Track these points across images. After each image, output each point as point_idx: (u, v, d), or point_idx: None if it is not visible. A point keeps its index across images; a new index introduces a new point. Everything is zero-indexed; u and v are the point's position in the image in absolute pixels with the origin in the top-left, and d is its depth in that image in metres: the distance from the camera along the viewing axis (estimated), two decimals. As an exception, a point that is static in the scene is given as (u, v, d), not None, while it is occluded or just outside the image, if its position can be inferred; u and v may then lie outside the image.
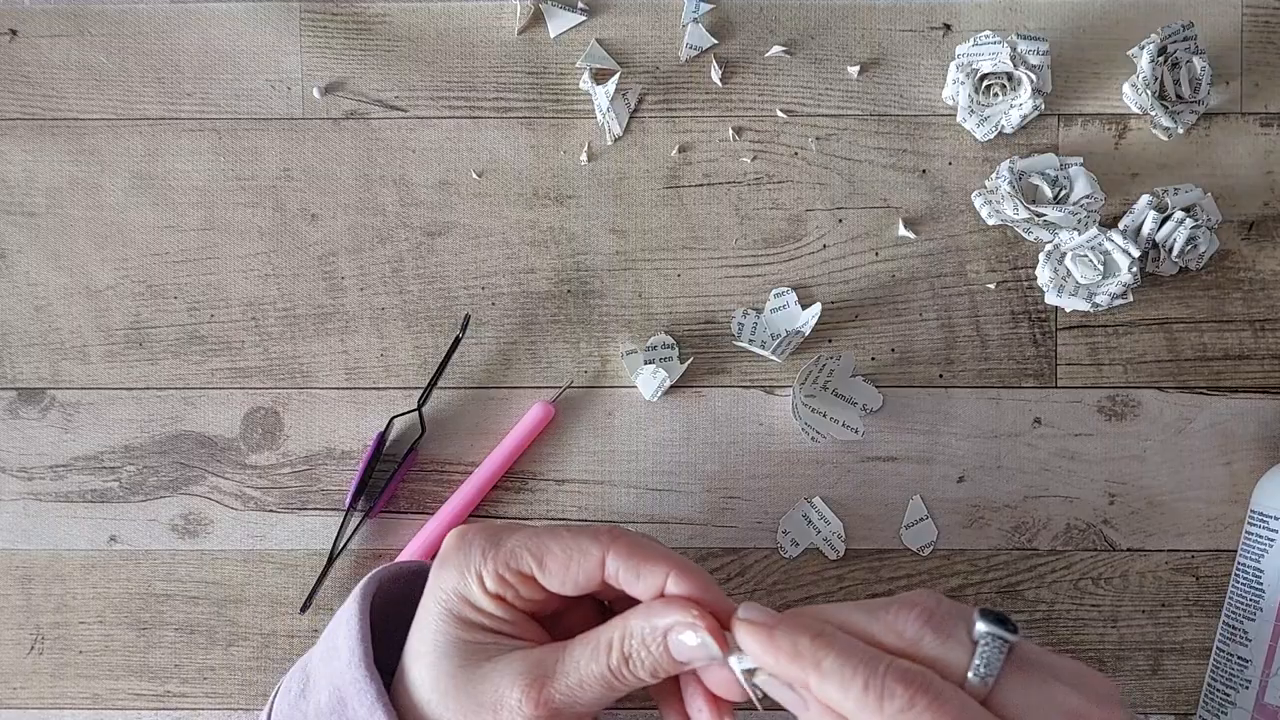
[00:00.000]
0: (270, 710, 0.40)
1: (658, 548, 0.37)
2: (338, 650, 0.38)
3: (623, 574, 0.36)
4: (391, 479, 0.50)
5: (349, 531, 0.51)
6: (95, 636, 0.51)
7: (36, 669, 0.51)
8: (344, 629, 0.38)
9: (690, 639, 0.34)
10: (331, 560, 0.50)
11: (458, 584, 0.37)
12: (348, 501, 0.50)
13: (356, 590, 0.40)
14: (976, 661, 0.32)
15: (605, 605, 0.41)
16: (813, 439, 0.50)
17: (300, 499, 0.51)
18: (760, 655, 0.33)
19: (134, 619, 0.51)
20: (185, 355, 0.52)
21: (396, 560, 0.50)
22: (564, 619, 0.40)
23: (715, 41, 0.52)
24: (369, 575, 0.41)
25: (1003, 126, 0.50)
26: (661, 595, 0.36)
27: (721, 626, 0.34)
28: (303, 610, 0.50)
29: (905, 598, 0.33)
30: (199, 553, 0.51)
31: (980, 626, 0.32)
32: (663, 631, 0.34)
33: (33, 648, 0.51)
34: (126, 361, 0.52)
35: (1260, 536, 0.49)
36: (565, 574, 0.36)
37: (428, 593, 0.38)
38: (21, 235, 0.52)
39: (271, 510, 0.51)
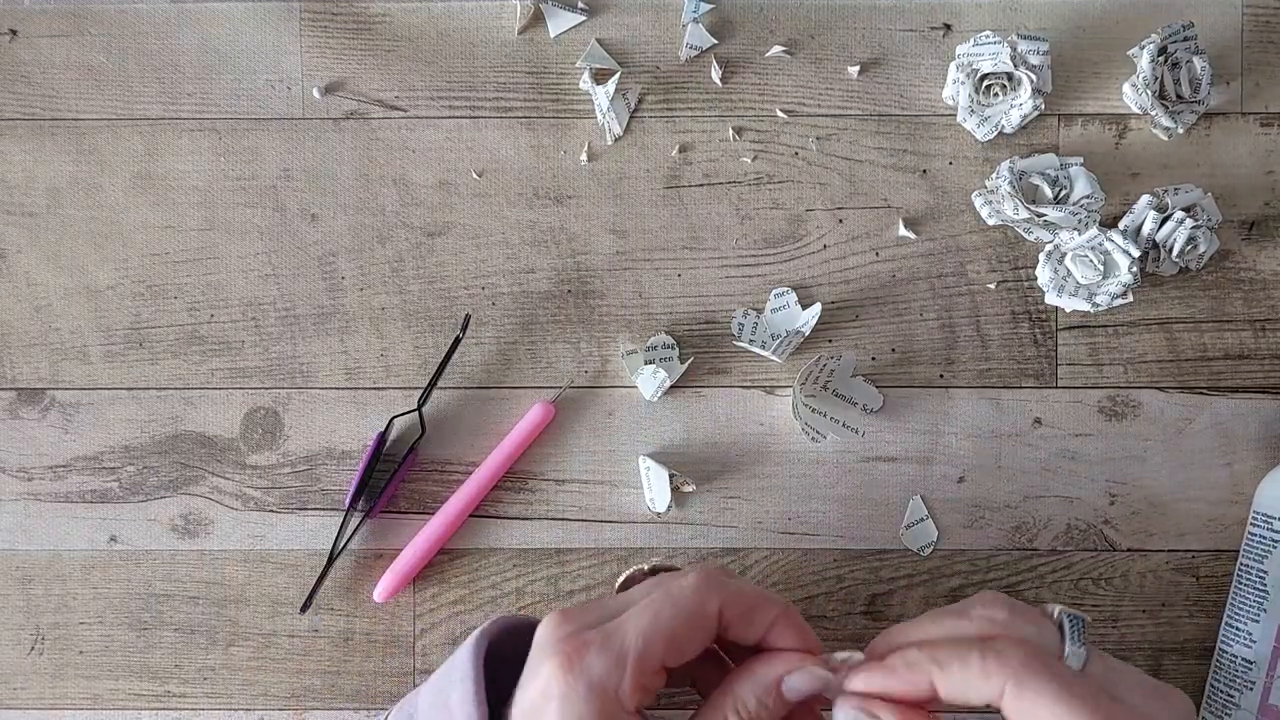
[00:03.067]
0: None
1: (757, 591, 0.38)
2: (450, 711, 0.37)
3: (735, 626, 0.37)
4: (391, 479, 0.50)
5: (349, 531, 0.51)
6: (95, 637, 0.51)
7: (36, 669, 0.51)
8: (458, 690, 0.37)
9: (801, 680, 0.37)
10: (331, 560, 0.50)
11: (597, 714, 0.34)
12: (348, 501, 0.50)
13: (469, 645, 0.38)
14: (1069, 640, 0.36)
15: None
16: (813, 439, 0.50)
17: (300, 499, 0.51)
18: (882, 682, 0.36)
19: (134, 619, 0.51)
20: (185, 355, 0.52)
21: (400, 569, 0.50)
22: None
23: (715, 41, 0.52)
24: (479, 630, 0.39)
25: (1003, 126, 0.50)
26: (759, 645, 0.38)
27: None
28: (303, 610, 0.50)
29: (978, 596, 0.38)
30: (199, 553, 0.51)
31: (1059, 610, 0.37)
32: (775, 682, 0.37)
33: (33, 648, 0.51)
34: (126, 361, 0.52)
35: (1263, 538, 0.49)
36: (690, 648, 0.36)
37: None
38: (21, 235, 0.52)
39: (271, 510, 0.51)
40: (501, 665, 0.39)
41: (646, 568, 0.42)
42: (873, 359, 0.52)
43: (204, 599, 0.51)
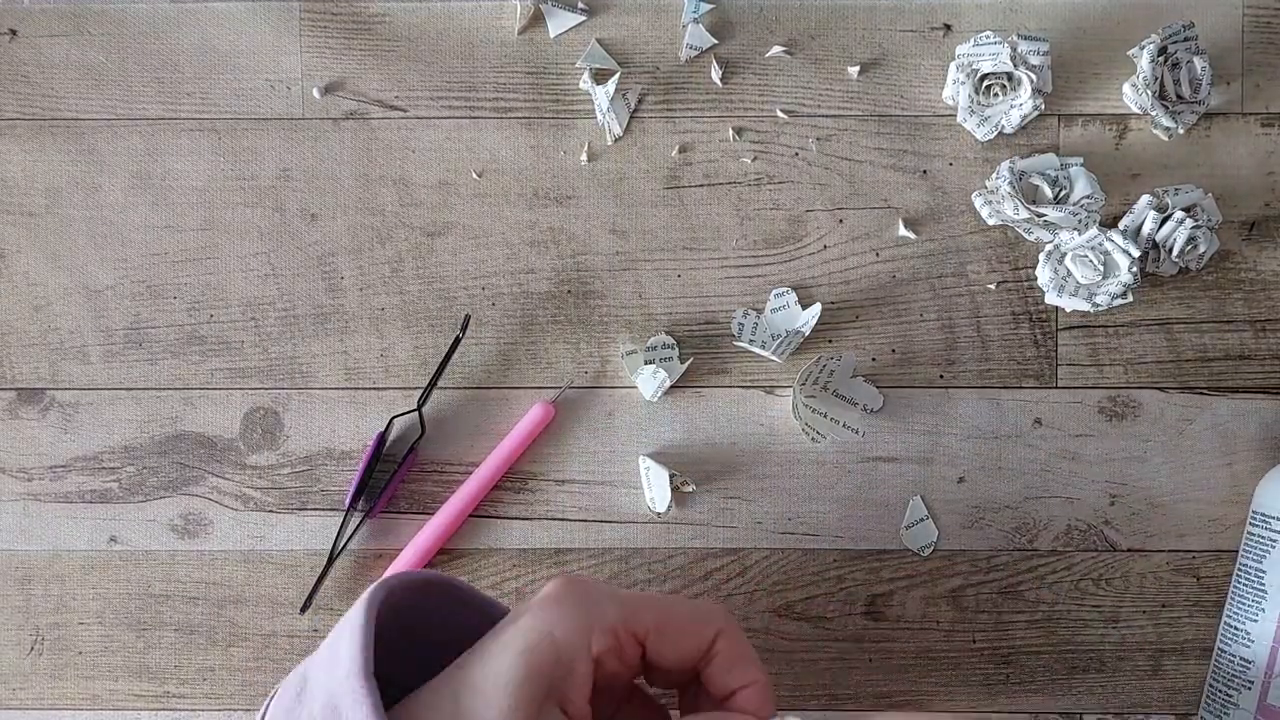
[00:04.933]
0: (265, 712, 0.38)
1: (755, 655, 0.38)
2: (338, 658, 0.35)
3: (721, 658, 0.37)
4: (391, 479, 0.50)
5: (349, 531, 0.51)
6: (95, 637, 0.51)
7: (36, 669, 0.51)
8: (346, 637, 0.35)
9: None
10: (331, 560, 0.50)
11: (561, 632, 0.34)
12: (348, 501, 0.50)
13: (363, 597, 0.37)
14: None
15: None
16: (813, 439, 0.50)
17: (300, 499, 0.51)
18: None
19: (133, 619, 0.51)
20: (185, 355, 0.52)
21: (400, 569, 0.50)
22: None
23: (715, 41, 0.52)
24: (377, 582, 0.38)
25: (1003, 127, 0.50)
26: (731, 695, 0.37)
27: None
28: (303, 610, 0.50)
29: None
30: (198, 553, 0.51)
31: None
32: None
33: (32, 648, 0.51)
34: (126, 361, 0.52)
35: (1262, 538, 0.49)
36: (677, 646, 0.36)
37: (518, 630, 0.34)
38: (21, 235, 0.52)
39: (271, 510, 0.51)
40: (411, 632, 0.39)
41: None
42: (873, 359, 0.52)
43: (203, 599, 0.51)
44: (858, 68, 0.52)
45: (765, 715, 0.37)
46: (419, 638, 0.39)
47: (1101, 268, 0.49)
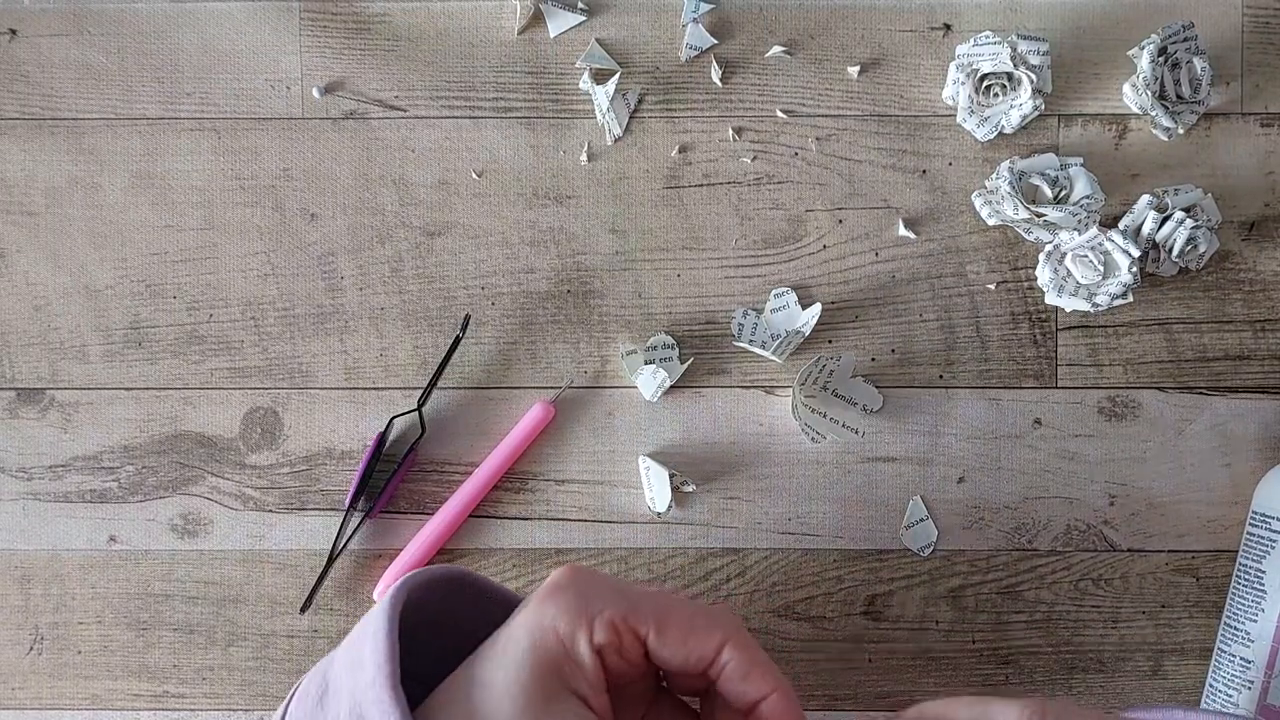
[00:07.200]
0: (285, 714, 0.38)
1: (769, 660, 0.36)
2: (362, 663, 0.35)
3: (732, 667, 0.35)
4: (391, 479, 0.50)
5: (349, 531, 0.51)
6: (94, 637, 0.51)
7: (35, 669, 0.51)
8: (370, 642, 0.35)
9: None
10: (331, 560, 0.50)
11: (563, 625, 0.34)
12: (347, 501, 0.50)
13: (385, 599, 0.36)
14: None
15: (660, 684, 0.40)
16: (813, 439, 0.50)
17: (300, 499, 0.51)
18: None
19: (133, 619, 0.51)
20: (184, 355, 0.52)
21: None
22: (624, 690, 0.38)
23: (715, 41, 0.52)
24: (399, 583, 0.37)
25: (1003, 127, 0.50)
26: (753, 707, 0.36)
27: None
28: (302, 610, 0.50)
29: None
30: (198, 553, 0.51)
31: None
32: None
33: (31, 648, 0.51)
34: (126, 361, 0.52)
35: (1261, 538, 0.49)
36: (679, 647, 0.35)
37: (521, 623, 0.35)
38: (21, 235, 0.52)
39: (271, 510, 0.51)
40: (430, 626, 0.38)
41: None
42: (872, 359, 0.52)
43: (203, 599, 0.51)
44: (857, 68, 0.52)
45: None
46: (441, 629, 0.39)
47: (1101, 268, 0.49)
